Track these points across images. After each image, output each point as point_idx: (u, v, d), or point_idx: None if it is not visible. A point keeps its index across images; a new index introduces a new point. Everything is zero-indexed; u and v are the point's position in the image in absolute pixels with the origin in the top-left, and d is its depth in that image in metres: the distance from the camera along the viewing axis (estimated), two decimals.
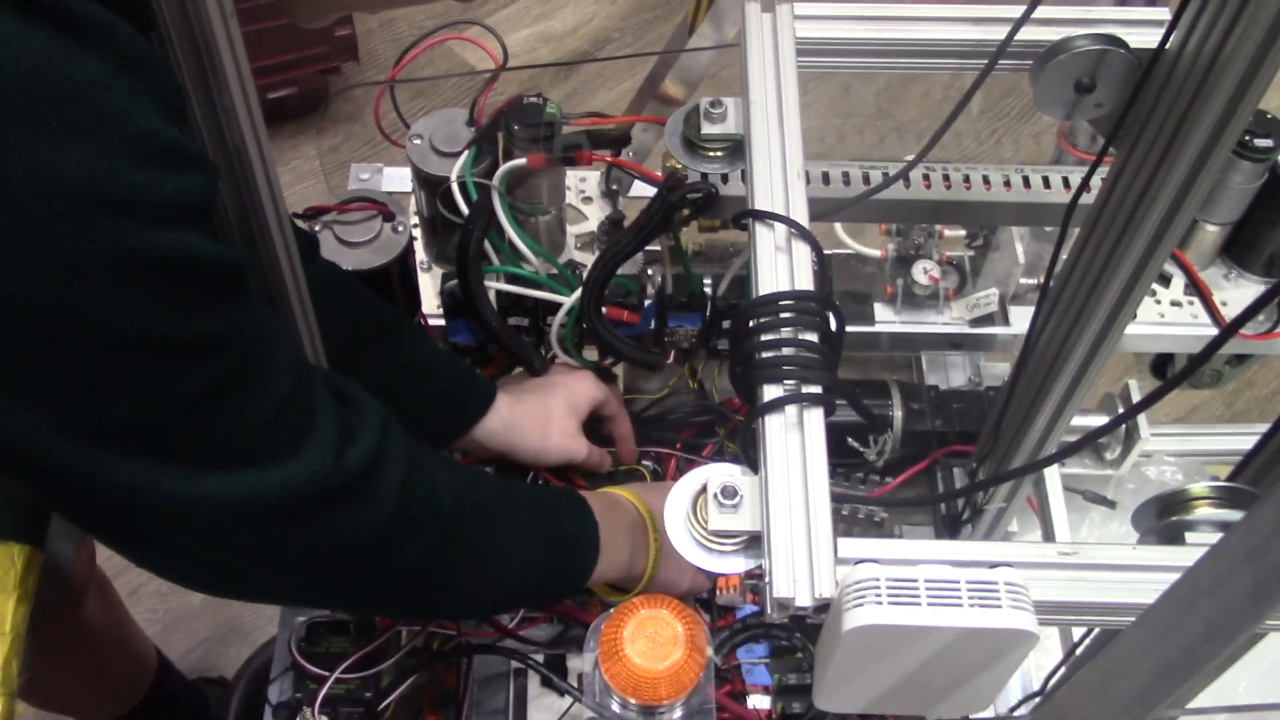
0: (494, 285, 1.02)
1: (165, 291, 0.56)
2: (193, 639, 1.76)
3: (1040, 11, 0.77)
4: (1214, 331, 1.12)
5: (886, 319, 1.15)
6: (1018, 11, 0.78)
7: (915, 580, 0.54)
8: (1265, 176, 1.09)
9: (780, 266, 0.68)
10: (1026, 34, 0.77)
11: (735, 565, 0.62)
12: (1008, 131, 2.25)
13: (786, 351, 0.64)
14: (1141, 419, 1.14)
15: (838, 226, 1.19)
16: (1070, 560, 0.58)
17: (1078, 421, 1.17)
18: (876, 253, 1.17)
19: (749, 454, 0.65)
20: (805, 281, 0.67)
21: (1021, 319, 1.18)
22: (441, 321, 1.10)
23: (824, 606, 0.57)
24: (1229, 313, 1.14)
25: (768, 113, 0.74)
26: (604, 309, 1.02)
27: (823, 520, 0.59)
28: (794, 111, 0.73)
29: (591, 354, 1.10)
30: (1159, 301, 1.15)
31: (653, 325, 1.08)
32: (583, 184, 1.23)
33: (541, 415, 1.04)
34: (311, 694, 0.91)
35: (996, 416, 1.01)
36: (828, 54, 0.77)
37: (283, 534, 0.68)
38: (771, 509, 0.60)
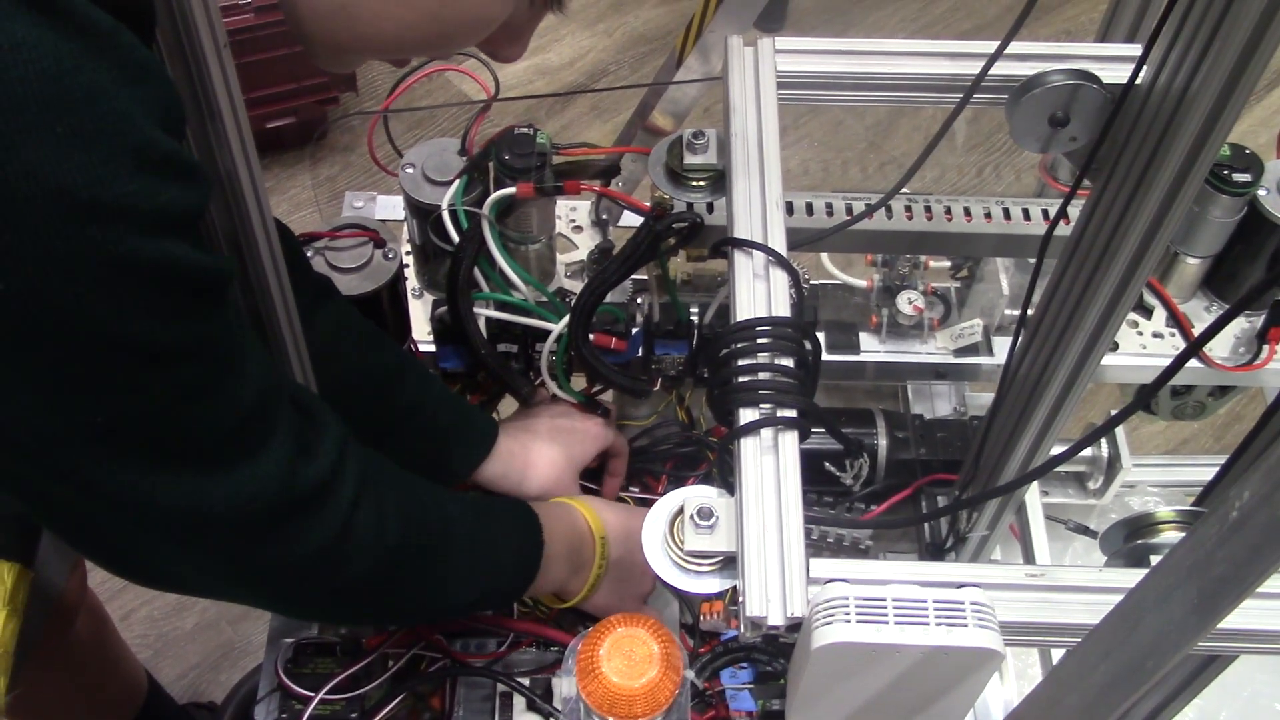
0: (483, 312, 1.04)
1: (148, 296, 0.57)
2: (184, 664, 1.76)
3: (1016, 47, 0.79)
4: (1196, 365, 1.13)
5: (871, 348, 1.17)
6: (993, 47, 0.80)
7: (884, 599, 0.55)
8: (1244, 210, 1.11)
9: (758, 293, 0.69)
10: (1003, 69, 0.79)
11: (711, 585, 0.63)
12: (997, 166, 2.27)
13: (763, 376, 0.66)
14: (1124, 449, 1.15)
15: (824, 257, 1.21)
16: (1037, 582, 0.59)
17: (1059, 450, 1.19)
18: (863, 283, 1.19)
19: (726, 477, 0.66)
20: (783, 308, 0.68)
21: (1006, 349, 1.19)
22: (432, 348, 1.11)
23: (796, 625, 0.58)
24: (1210, 346, 1.15)
25: (748, 144, 0.75)
26: (591, 336, 1.03)
27: (795, 540, 0.60)
28: (774, 142, 0.75)
29: (580, 381, 1.11)
30: (1141, 333, 1.17)
31: (640, 353, 1.10)
32: (573, 213, 1.25)
33: (543, 467, 1.04)
34: (297, 715, 0.91)
35: (978, 445, 1.02)
36: (808, 87, 0.79)
37: (228, 540, 0.70)
38: (746, 530, 0.61)
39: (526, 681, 0.99)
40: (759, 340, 0.67)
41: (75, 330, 0.55)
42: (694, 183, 0.81)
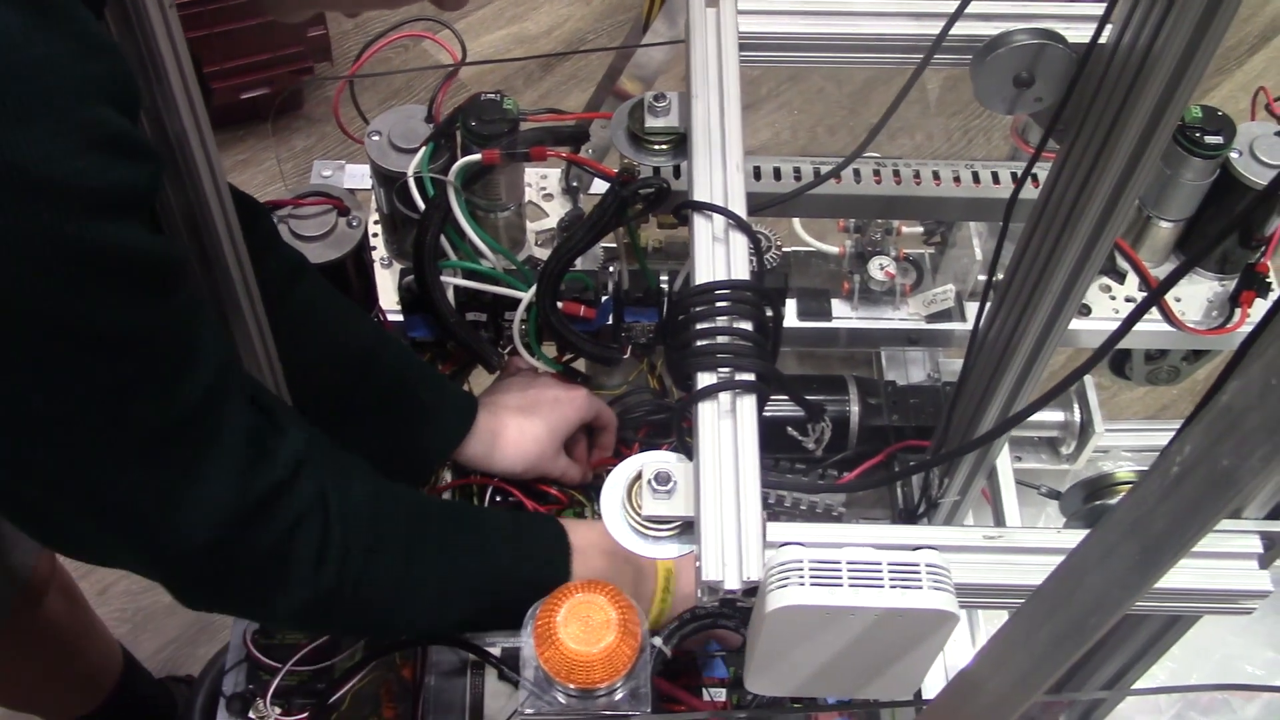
0: (451, 281, 1.03)
1: (96, 280, 0.56)
2: (162, 638, 1.76)
3: (980, 7, 0.78)
4: (1168, 329, 1.13)
5: (844, 315, 1.16)
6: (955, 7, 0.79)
7: (838, 562, 0.55)
8: (1216, 173, 1.10)
9: (718, 256, 0.68)
10: (967, 29, 0.78)
11: (669, 551, 0.63)
12: (981, 131, 2.26)
13: (721, 340, 0.65)
14: (1096, 414, 1.15)
15: (797, 224, 1.20)
16: (995, 544, 0.59)
17: (1031, 417, 1.19)
18: (835, 250, 1.18)
19: (684, 441, 0.66)
20: (742, 271, 0.68)
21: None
22: (400, 317, 1.10)
23: (753, 590, 0.58)
24: (1183, 309, 1.15)
25: (709, 106, 0.74)
26: (560, 304, 1.02)
27: (752, 504, 0.60)
28: (735, 104, 0.74)
29: (551, 350, 1.10)
30: (1114, 298, 1.17)
31: (610, 320, 1.09)
32: (544, 181, 1.24)
33: (524, 442, 1.03)
34: (265, 685, 0.91)
35: (949, 410, 1.02)
36: (770, 49, 0.78)
37: (176, 541, 0.68)
38: (703, 494, 0.61)
39: (498, 651, 0.99)
40: (717, 304, 0.66)
41: (18, 314, 0.54)
42: (655, 146, 0.80)
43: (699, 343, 0.65)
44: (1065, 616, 0.40)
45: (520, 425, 1.04)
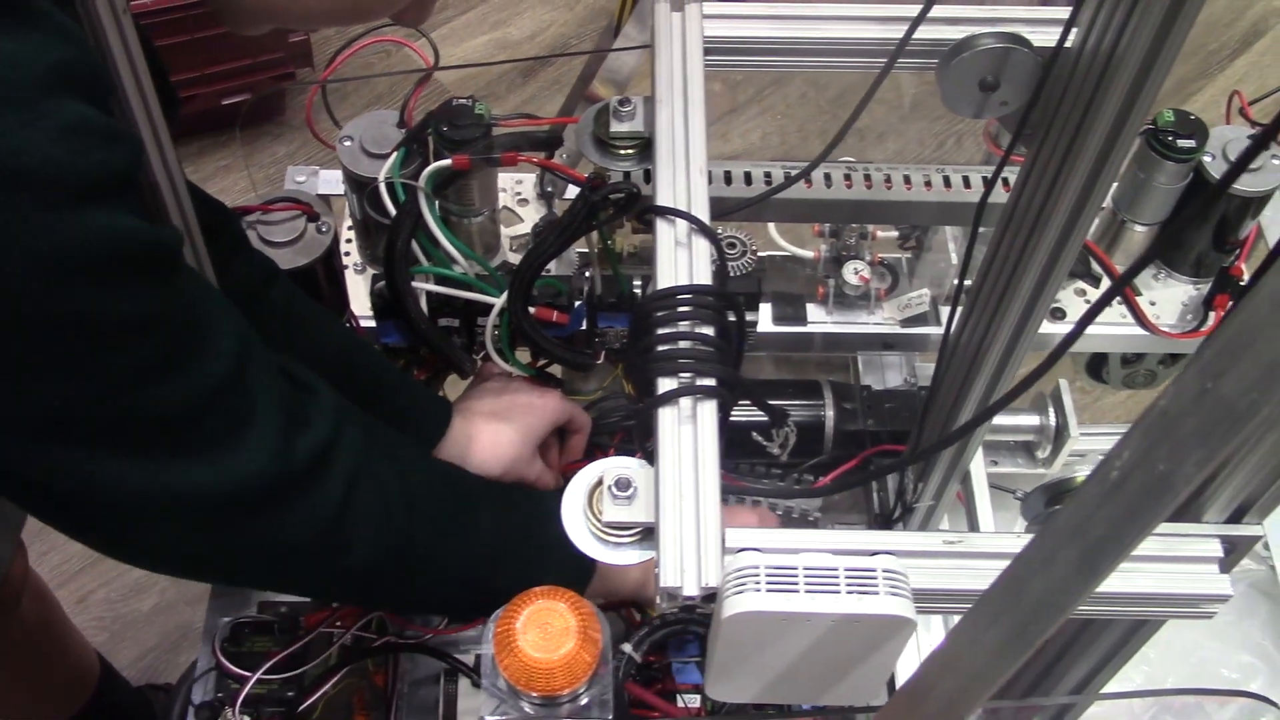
0: (423, 286, 1.03)
1: (92, 270, 0.55)
2: (142, 646, 1.75)
3: (945, 10, 0.78)
4: (1142, 332, 1.13)
5: (819, 319, 1.16)
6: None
7: (795, 568, 0.55)
8: (1190, 177, 1.10)
9: (680, 261, 0.68)
10: (933, 33, 0.78)
11: (630, 557, 0.63)
12: (960, 136, 2.26)
13: (682, 345, 0.65)
14: (1071, 418, 1.15)
15: (772, 229, 1.20)
16: (954, 549, 0.58)
17: (1006, 420, 1.19)
18: (810, 254, 1.18)
19: (646, 446, 0.65)
20: (704, 276, 0.67)
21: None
22: (374, 323, 1.09)
23: (712, 596, 0.58)
24: (1157, 313, 1.15)
25: (674, 110, 0.74)
26: (533, 309, 1.02)
27: (711, 510, 0.59)
28: (699, 109, 0.74)
29: (526, 355, 1.10)
30: (1089, 301, 1.16)
31: (584, 326, 1.09)
32: (519, 186, 1.24)
33: (499, 446, 1.02)
34: (234, 694, 0.91)
35: (922, 415, 1.02)
36: (735, 52, 0.78)
37: (222, 521, 0.68)
38: (662, 500, 0.60)
39: (470, 659, 0.99)
40: (679, 309, 0.66)
41: (18, 311, 0.53)
42: (621, 150, 0.80)
43: (660, 348, 0.65)
44: (1010, 621, 0.40)
45: (494, 430, 1.04)
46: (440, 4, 2.46)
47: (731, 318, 0.67)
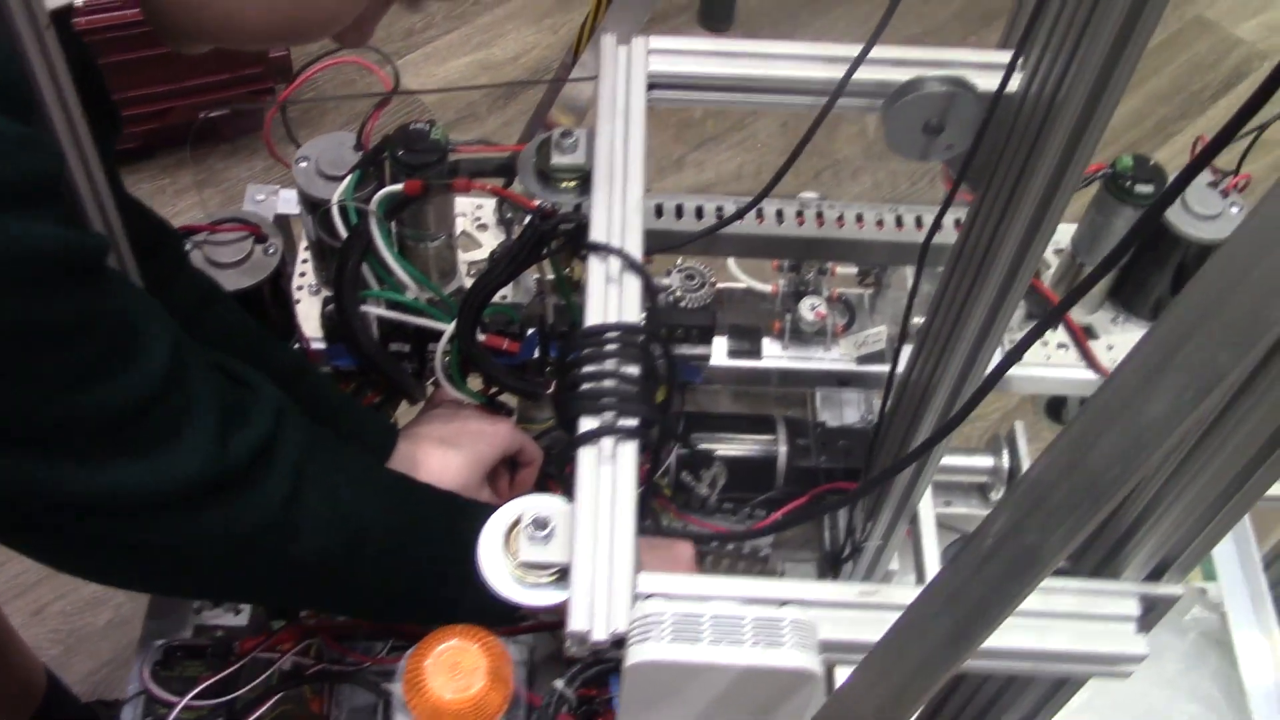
0: (374, 311, 1.02)
1: (17, 278, 0.55)
2: (96, 660, 1.74)
3: (891, 52, 0.78)
4: (1093, 376, 1.12)
5: (774, 354, 1.15)
6: (879, 51, 0.78)
7: (702, 616, 0.54)
8: (1158, 219, 1.10)
9: (610, 299, 0.67)
10: (878, 74, 0.78)
11: (546, 598, 0.62)
12: (940, 172, 2.26)
13: (607, 384, 0.64)
14: (1025, 460, 1.14)
15: (730, 261, 1.19)
16: (869, 600, 0.57)
17: (960, 461, 1.18)
18: (768, 288, 1.18)
19: (569, 486, 0.64)
20: (633, 314, 0.67)
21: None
22: (324, 345, 1.09)
23: (621, 641, 0.57)
24: (1115, 356, 1.14)
25: (614, 144, 0.74)
26: (484, 337, 1.01)
27: (624, 554, 0.59)
28: (639, 143, 0.73)
29: (478, 382, 1.09)
30: (1045, 344, 1.16)
31: (536, 354, 1.08)
32: (479, 211, 1.23)
33: (444, 473, 1.00)
34: (161, 719, 0.89)
35: (868, 453, 1.01)
36: (680, 88, 0.77)
37: (163, 524, 0.68)
38: (577, 542, 0.60)
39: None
40: (606, 347, 0.65)
41: None
42: (562, 184, 0.79)
43: (584, 386, 0.64)
44: (894, 680, 0.39)
45: (441, 456, 1.02)
46: (425, 23, 2.47)
47: (658, 356, 0.66)
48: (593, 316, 0.66)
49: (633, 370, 0.64)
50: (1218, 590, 1.16)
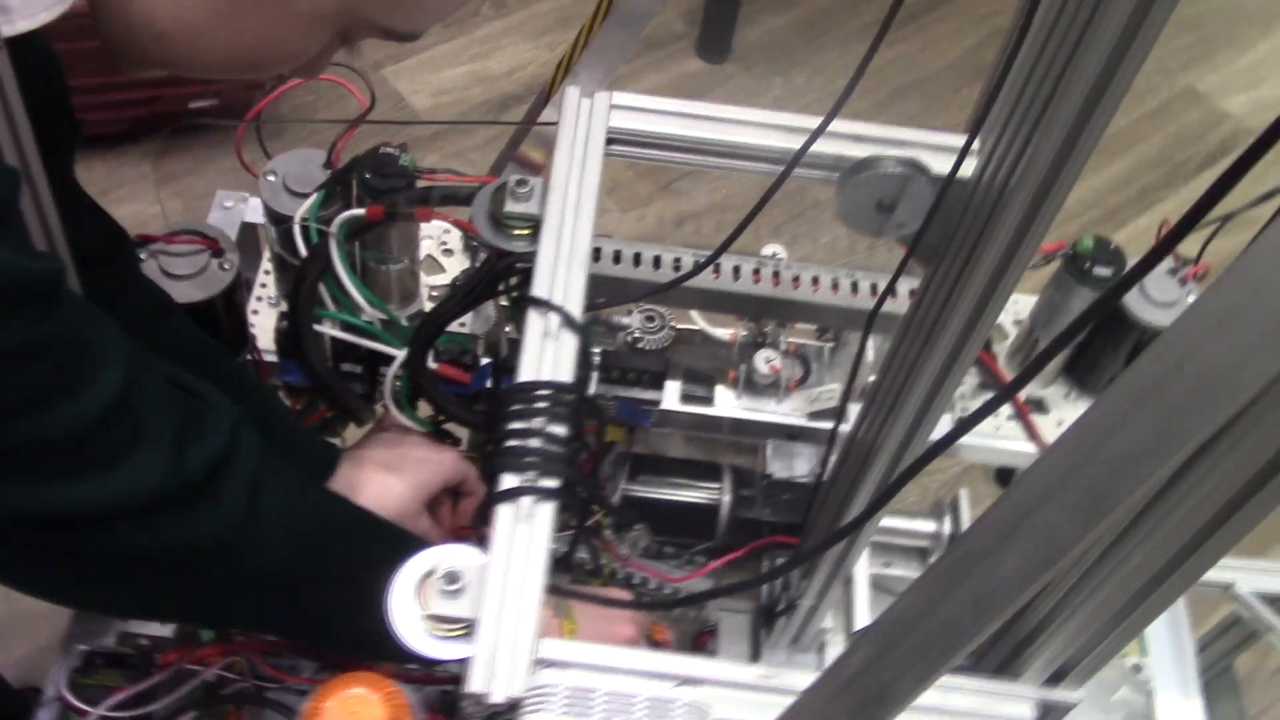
0: (327, 331, 1.02)
1: None
2: (31, 644, 1.72)
3: (851, 128, 0.78)
4: (1038, 451, 1.13)
5: (727, 403, 1.16)
6: (832, 125, 0.79)
7: (595, 691, 0.54)
8: (1114, 302, 1.10)
9: (546, 355, 0.68)
10: (837, 148, 0.78)
11: (455, 651, 0.62)
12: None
13: (532, 443, 0.64)
14: (966, 524, 1.15)
15: None
16: (767, 683, 0.58)
17: (902, 524, 1.19)
18: (727, 335, 1.18)
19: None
20: (566, 373, 0.67)
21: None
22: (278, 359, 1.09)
23: (517, 705, 0.57)
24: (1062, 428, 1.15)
25: (566, 197, 0.74)
26: (436, 366, 1.02)
27: (529, 617, 0.59)
28: (591, 199, 0.73)
29: (428, 410, 1.09)
30: (997, 415, 1.17)
31: (489, 385, 1.08)
32: (446, 236, 1.23)
33: (384, 498, 1.00)
34: None
35: (806, 510, 1.01)
36: (639, 144, 0.77)
37: (120, 538, 0.68)
38: (486, 600, 0.60)
39: None
40: (536, 405, 0.65)
41: None
42: (515, 231, 0.80)
43: (509, 443, 0.64)
44: None
45: (382, 481, 1.02)
46: None
47: (586, 417, 0.67)
48: (525, 372, 0.67)
49: (559, 430, 0.64)
50: (1148, 672, 1.16)
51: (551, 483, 0.63)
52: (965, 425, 0.63)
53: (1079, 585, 0.56)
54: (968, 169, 0.75)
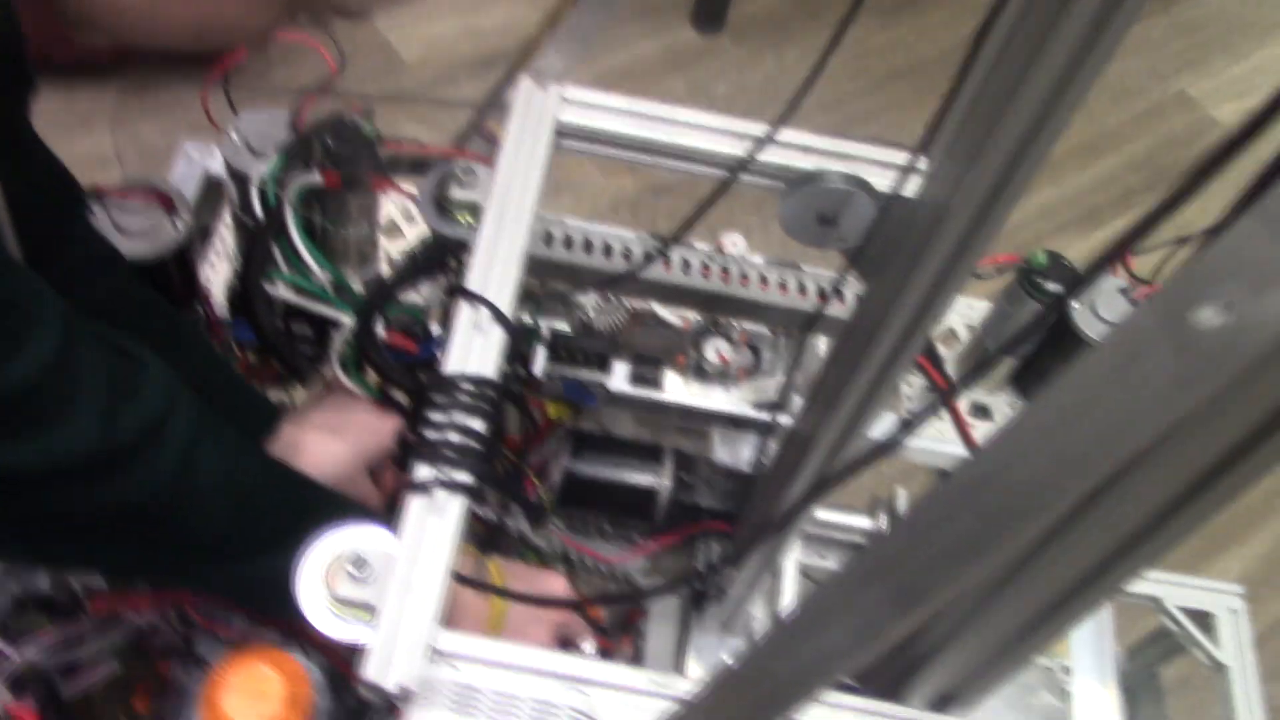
0: (280, 293, 1.02)
1: None
2: None
3: (800, 138, 0.79)
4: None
5: (675, 388, 1.16)
6: (780, 133, 0.79)
7: (480, 690, 0.55)
8: (1055, 317, 1.11)
9: (473, 348, 0.68)
10: (784, 157, 0.79)
11: (353, 634, 0.63)
12: None
13: (451, 436, 0.65)
14: None
15: None
16: (660, 690, 0.59)
17: (837, 518, 1.20)
18: (679, 321, 1.19)
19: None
20: (490, 367, 0.68)
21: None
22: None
23: (408, 695, 0.58)
24: None
25: (508, 188, 0.74)
26: (384, 333, 1.02)
27: (428, 608, 0.60)
28: (533, 191, 0.74)
29: (374, 375, 1.10)
30: (942, 418, 1.18)
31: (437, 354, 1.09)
32: (408, 202, 1.23)
33: (325, 461, 0.99)
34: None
35: (745, 501, 1.03)
36: (587, 139, 0.78)
37: (53, 498, 0.68)
38: (389, 588, 0.61)
39: None
40: (458, 397, 0.66)
41: None
42: (458, 216, 0.80)
43: (426, 434, 0.65)
44: None
45: (324, 443, 1.03)
46: None
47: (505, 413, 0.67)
48: (451, 364, 0.67)
49: (478, 425, 0.65)
50: (1067, 676, 1.18)
51: (465, 477, 0.64)
52: (902, 431, 0.64)
53: (968, 617, 0.57)
54: (910, 189, 0.76)
